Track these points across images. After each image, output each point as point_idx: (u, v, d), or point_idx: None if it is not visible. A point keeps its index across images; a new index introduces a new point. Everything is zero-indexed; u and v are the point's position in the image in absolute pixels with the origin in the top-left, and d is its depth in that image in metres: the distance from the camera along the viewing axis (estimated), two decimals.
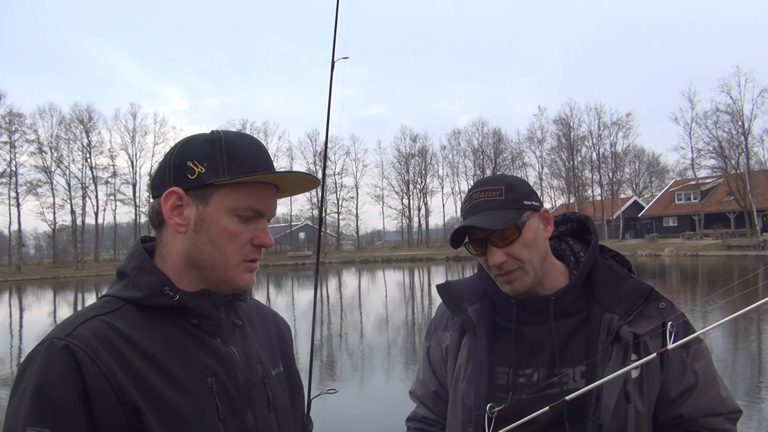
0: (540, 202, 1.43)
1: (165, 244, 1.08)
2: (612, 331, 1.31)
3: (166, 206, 1.04)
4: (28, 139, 55.33)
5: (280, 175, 1.07)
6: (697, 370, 1.35)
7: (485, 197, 1.38)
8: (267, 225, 1.11)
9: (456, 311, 1.49)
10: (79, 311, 1.02)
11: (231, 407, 1.05)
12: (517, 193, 1.38)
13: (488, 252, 1.37)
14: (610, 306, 1.35)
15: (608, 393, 1.26)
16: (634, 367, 1.28)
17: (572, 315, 1.38)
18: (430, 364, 1.60)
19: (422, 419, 1.62)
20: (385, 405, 7.96)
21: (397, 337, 13.76)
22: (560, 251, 1.50)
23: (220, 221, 1.04)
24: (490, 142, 68.65)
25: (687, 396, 1.34)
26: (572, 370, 1.34)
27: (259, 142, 1.12)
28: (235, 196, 1.05)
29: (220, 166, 1.04)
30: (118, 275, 1.08)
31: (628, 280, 1.39)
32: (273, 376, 1.17)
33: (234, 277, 1.07)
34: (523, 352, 1.39)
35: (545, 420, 1.31)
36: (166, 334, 1.02)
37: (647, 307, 1.34)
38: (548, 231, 1.42)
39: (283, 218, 71.93)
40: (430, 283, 30.72)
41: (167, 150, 1.11)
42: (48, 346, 0.92)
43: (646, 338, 1.31)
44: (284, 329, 1.32)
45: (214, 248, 1.05)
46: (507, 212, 1.36)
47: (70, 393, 0.89)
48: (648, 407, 1.32)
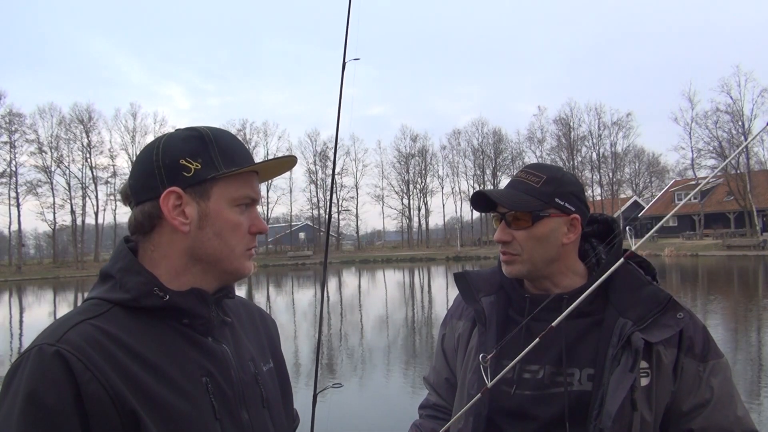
0: (579, 208, 1.40)
1: (160, 247, 1.05)
2: (624, 336, 1.29)
3: (166, 207, 1.02)
4: (28, 139, 55.48)
5: (270, 162, 1.10)
6: (713, 385, 1.31)
7: (525, 178, 1.40)
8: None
9: (470, 301, 1.51)
10: (65, 316, 0.99)
11: (227, 406, 1.04)
12: (555, 188, 1.37)
13: (499, 227, 1.41)
14: (626, 311, 1.32)
15: (612, 399, 1.25)
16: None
17: (585, 316, 1.36)
18: (444, 352, 1.61)
19: (433, 406, 1.64)
20: (385, 401, 8.00)
21: (397, 337, 13.75)
22: (583, 252, 1.48)
23: (224, 214, 1.05)
24: (490, 142, 68.71)
25: (700, 411, 1.30)
26: (579, 371, 1.33)
27: (234, 134, 1.14)
28: (234, 187, 1.06)
29: (216, 160, 1.04)
30: (101, 277, 1.05)
31: (647, 287, 1.35)
32: (264, 373, 1.17)
33: (240, 266, 1.09)
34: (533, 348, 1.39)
35: (546, 418, 1.32)
36: (158, 336, 1.00)
37: (664, 315, 1.31)
38: (569, 238, 1.39)
39: (283, 218, 71.99)
40: (430, 283, 30.73)
41: (141, 153, 1.08)
42: (37, 352, 0.89)
43: (660, 347, 1.29)
44: (271, 325, 1.32)
45: (221, 241, 1.05)
46: (532, 199, 1.36)
47: (64, 400, 0.86)
48: (656, 416, 1.29)
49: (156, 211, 1.03)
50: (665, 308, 1.31)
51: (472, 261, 46.81)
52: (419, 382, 8.68)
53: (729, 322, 13.46)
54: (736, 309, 15.44)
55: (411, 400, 7.78)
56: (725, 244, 42.57)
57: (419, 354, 11.50)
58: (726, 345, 10.57)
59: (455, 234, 67.15)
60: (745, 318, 13.89)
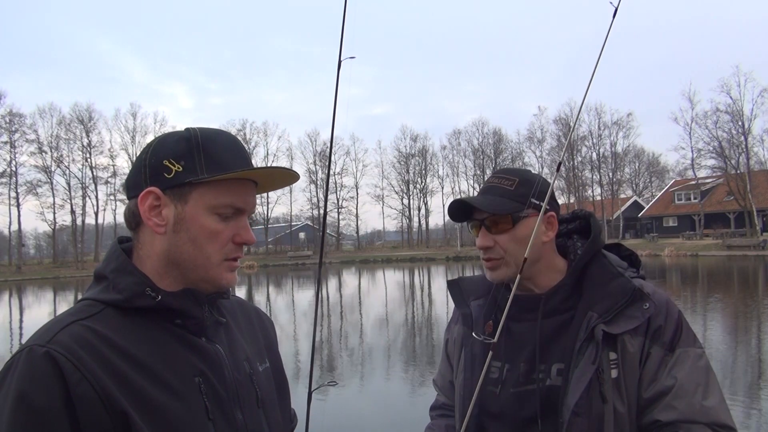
0: (552, 206, 1.42)
1: (143, 246, 1.05)
2: (588, 329, 1.31)
3: (143, 207, 1.01)
4: (28, 139, 55.47)
5: (259, 171, 1.05)
6: (677, 374, 1.28)
7: (497, 183, 1.43)
8: (248, 222, 1.09)
9: (460, 305, 1.56)
10: (58, 317, 0.99)
11: (220, 407, 1.03)
12: (528, 189, 1.39)
13: (479, 234, 1.42)
14: (594, 305, 1.34)
15: (571, 392, 1.27)
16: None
17: (560, 313, 1.39)
18: (448, 356, 1.66)
19: (442, 406, 1.69)
20: (384, 400, 7.97)
21: (397, 337, 13.75)
22: (565, 249, 1.50)
23: (200, 220, 1.02)
24: (490, 142, 68.78)
25: (661, 399, 1.27)
26: (551, 366, 1.36)
27: (236, 138, 1.10)
28: (215, 194, 1.02)
29: (198, 164, 1.01)
30: (95, 278, 1.05)
31: (617, 280, 1.37)
32: (260, 373, 1.16)
33: (216, 276, 1.05)
34: (510, 348, 1.42)
35: (521, 416, 1.35)
36: (150, 336, 1.00)
37: (630, 307, 1.32)
38: (548, 236, 1.42)
39: (283, 218, 72.01)
40: (429, 283, 30.73)
41: (141, 149, 1.08)
42: (28, 353, 0.89)
43: (626, 337, 1.30)
44: (268, 324, 1.31)
45: (195, 248, 1.02)
46: (509, 202, 1.38)
47: (54, 401, 0.86)
48: (629, 408, 1.30)
49: (137, 208, 1.03)
50: (631, 299, 1.32)
51: (472, 261, 46.80)
52: (418, 382, 8.69)
53: (729, 322, 13.47)
54: (736, 309, 15.44)
55: (410, 399, 7.79)
56: (725, 244, 42.58)
57: (418, 354, 11.50)
58: (726, 345, 10.58)
59: (455, 234, 67.10)
60: (745, 318, 13.89)
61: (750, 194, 46.76)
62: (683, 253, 42.66)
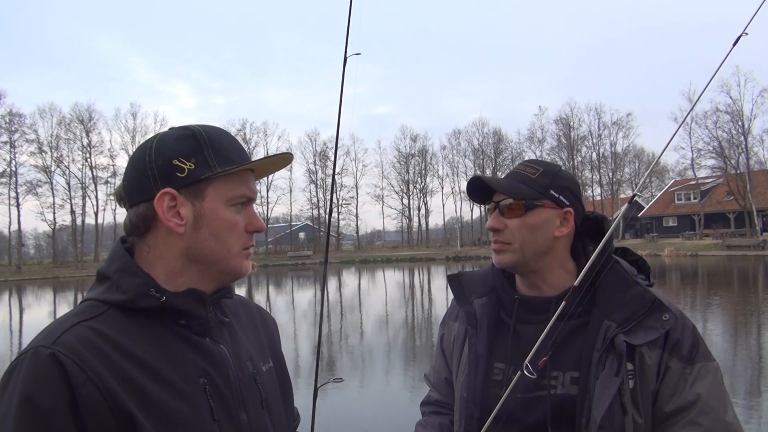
0: (573, 204, 1.40)
1: (155, 248, 1.04)
2: (608, 339, 1.27)
3: (161, 209, 1.01)
4: (28, 139, 55.58)
5: (264, 160, 1.09)
6: (700, 389, 1.27)
7: (521, 170, 1.42)
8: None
9: (462, 303, 1.51)
10: (61, 318, 0.98)
11: (225, 407, 1.03)
12: (550, 180, 1.38)
13: (492, 215, 1.41)
14: (611, 313, 1.30)
15: (597, 406, 1.24)
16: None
17: (572, 318, 1.33)
18: (443, 351, 1.62)
19: (435, 403, 1.65)
20: (385, 398, 8.01)
21: (397, 336, 13.75)
22: (575, 251, 1.46)
23: (220, 213, 1.04)
24: (490, 142, 68.80)
25: (685, 414, 1.26)
26: (562, 374, 1.33)
27: (229, 132, 1.14)
28: (229, 187, 1.05)
29: (209, 159, 1.03)
30: (98, 278, 1.04)
31: (634, 288, 1.32)
32: (264, 373, 1.16)
33: (237, 266, 1.08)
34: (518, 350, 1.37)
35: (529, 422, 1.32)
36: (155, 337, 0.99)
37: (649, 317, 1.29)
38: (561, 231, 1.39)
39: (283, 218, 71.98)
40: (429, 283, 30.72)
41: (134, 153, 1.07)
42: (32, 355, 0.89)
43: (644, 349, 1.27)
44: (271, 324, 1.31)
45: (217, 241, 1.04)
46: (526, 188, 1.37)
47: (59, 403, 0.86)
48: (646, 418, 1.28)
49: (150, 212, 1.02)
50: (650, 310, 1.29)
51: (472, 261, 46.78)
52: (418, 380, 8.68)
53: (729, 322, 13.46)
54: (735, 309, 15.44)
55: (410, 397, 7.80)
56: (725, 244, 42.56)
57: (419, 352, 11.50)
58: (726, 345, 10.58)
59: (455, 234, 67.13)
60: (745, 318, 13.88)
61: (750, 194, 46.75)
62: (683, 253, 42.63)
